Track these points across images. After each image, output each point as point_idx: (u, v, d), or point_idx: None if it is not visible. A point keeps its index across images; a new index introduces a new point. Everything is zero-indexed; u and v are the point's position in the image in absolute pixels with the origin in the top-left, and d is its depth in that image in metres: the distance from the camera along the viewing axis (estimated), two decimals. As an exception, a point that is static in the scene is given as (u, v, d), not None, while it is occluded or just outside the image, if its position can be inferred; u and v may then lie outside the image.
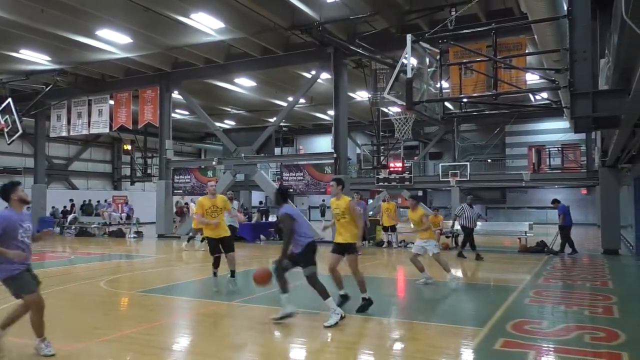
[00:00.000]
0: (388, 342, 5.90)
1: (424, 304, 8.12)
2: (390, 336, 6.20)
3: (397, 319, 6.98)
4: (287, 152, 34.83)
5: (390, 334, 6.31)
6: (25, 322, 5.21)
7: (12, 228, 4.83)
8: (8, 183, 5.01)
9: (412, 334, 6.09)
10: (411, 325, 6.47)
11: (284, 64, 18.52)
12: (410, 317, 6.99)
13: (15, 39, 16.17)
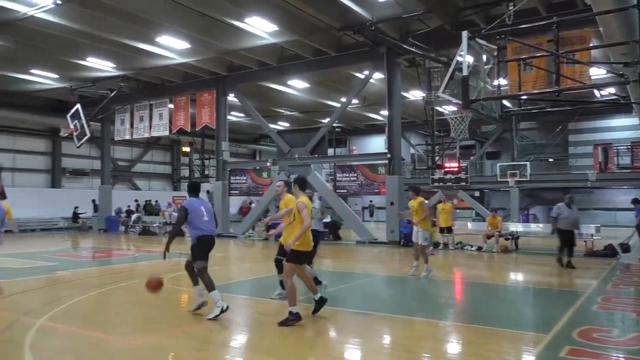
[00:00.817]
0: (445, 346, 5.77)
1: (483, 308, 7.87)
2: (447, 339, 6.07)
3: (455, 322, 6.82)
4: (340, 153, 34.85)
5: (447, 337, 6.17)
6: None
7: None
8: None
9: (470, 337, 5.92)
10: (469, 329, 6.30)
11: (336, 64, 18.55)
12: (468, 321, 6.80)
13: (82, 47, 17.10)
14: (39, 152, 27.37)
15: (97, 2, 13.26)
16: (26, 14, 13.82)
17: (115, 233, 24.05)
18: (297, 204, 6.26)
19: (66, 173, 28.17)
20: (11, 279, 10.05)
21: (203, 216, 6.81)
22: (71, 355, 5.22)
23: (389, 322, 6.64)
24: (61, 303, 7.58)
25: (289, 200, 7.22)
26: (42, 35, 15.57)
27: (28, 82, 21.95)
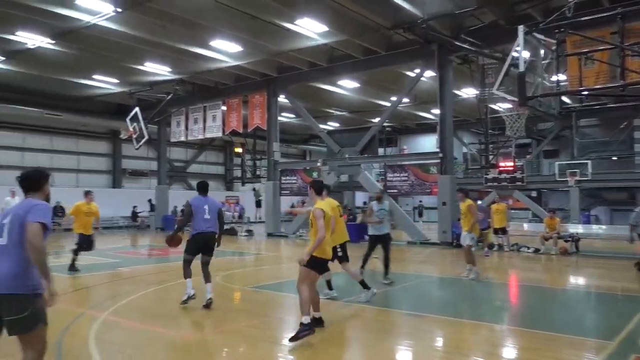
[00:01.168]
0: (500, 350, 5.60)
1: (540, 312, 7.58)
2: (503, 344, 5.89)
3: (510, 325, 6.61)
4: (390, 153, 34.54)
5: (502, 341, 5.99)
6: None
7: None
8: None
9: (526, 342, 5.72)
10: (525, 334, 6.08)
11: (387, 63, 18.38)
12: (524, 325, 6.56)
13: (141, 53, 17.82)
14: (100, 153, 28.73)
15: (154, 10, 13.77)
16: (89, 22, 14.54)
17: (171, 231, 24.85)
18: (314, 212, 5.72)
19: (126, 174, 29.43)
20: (78, 274, 10.61)
21: (204, 214, 7.33)
22: (131, 349, 5.44)
23: (442, 325, 6.52)
24: (123, 298, 7.93)
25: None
26: (104, 42, 16.35)
27: (91, 87, 23.11)
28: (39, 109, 23.73)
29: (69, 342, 5.45)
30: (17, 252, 3.29)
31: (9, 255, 3.29)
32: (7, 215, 3.41)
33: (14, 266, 3.27)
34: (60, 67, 19.41)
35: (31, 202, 3.45)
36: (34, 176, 3.62)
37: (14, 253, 3.29)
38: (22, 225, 3.29)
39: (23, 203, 3.48)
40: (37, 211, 3.32)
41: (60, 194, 25.56)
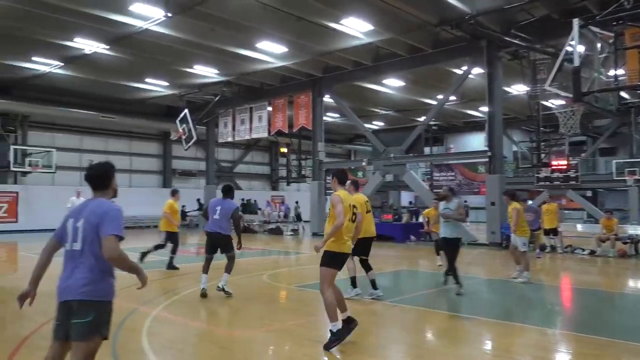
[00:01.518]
0: (553, 355, 5.40)
1: (597, 316, 7.26)
2: (556, 349, 5.67)
3: (564, 330, 6.36)
4: (436, 152, 33.99)
5: (555, 346, 5.77)
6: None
7: None
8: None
9: (581, 348, 5.48)
10: (581, 339, 5.83)
11: (433, 61, 18.09)
12: (580, 330, 6.29)
13: (190, 56, 18.31)
14: (152, 154, 29.71)
15: (203, 13, 14.11)
16: (141, 27, 15.09)
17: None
18: (332, 198, 5.45)
19: (176, 174, 30.31)
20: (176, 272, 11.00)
21: (214, 214, 7.95)
22: (181, 344, 5.60)
23: (492, 328, 6.36)
24: (173, 295, 8.17)
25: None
26: (155, 46, 16.91)
27: (143, 91, 23.95)
28: (95, 112, 24.83)
29: (123, 337, 5.67)
30: (91, 259, 3.23)
31: (83, 262, 3.23)
32: (79, 218, 3.29)
33: (87, 273, 3.21)
34: (115, 71, 20.22)
35: (102, 206, 3.30)
36: (99, 173, 3.46)
37: (88, 260, 3.23)
38: (95, 234, 3.20)
39: (93, 205, 3.34)
40: (110, 222, 3.20)
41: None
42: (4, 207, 23.11)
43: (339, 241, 5.37)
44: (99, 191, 3.42)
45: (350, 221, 5.49)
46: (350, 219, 5.51)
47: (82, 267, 3.22)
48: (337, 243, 5.37)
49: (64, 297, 3.25)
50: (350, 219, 5.52)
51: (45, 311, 7.11)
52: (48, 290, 8.98)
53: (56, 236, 3.41)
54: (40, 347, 5.28)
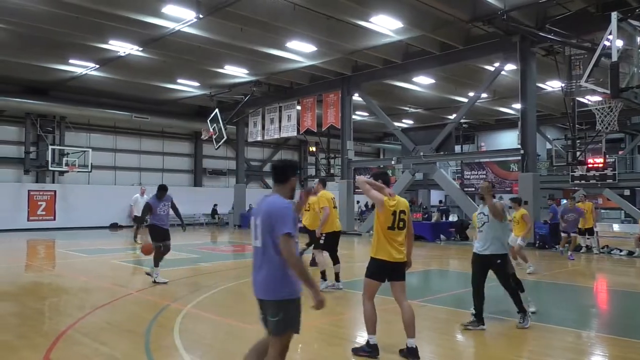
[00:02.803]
0: (589, 358, 5.25)
1: (637, 320, 7.01)
2: (592, 352, 5.50)
3: (600, 333, 6.16)
4: (467, 150, 33.48)
5: (591, 349, 5.59)
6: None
7: None
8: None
9: (619, 351, 5.30)
10: (619, 342, 5.64)
11: (465, 58, 17.81)
12: (617, 332, 6.07)
13: (221, 57, 18.54)
14: (183, 154, 30.21)
15: (233, 14, 14.26)
16: (174, 29, 15.35)
17: (248, 229, 25.66)
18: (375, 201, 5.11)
19: (206, 173, 30.74)
20: (163, 268, 11.23)
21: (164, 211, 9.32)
22: (212, 340, 5.68)
23: (525, 329, 6.21)
24: (204, 292, 8.29)
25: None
26: (187, 47, 17.19)
27: (175, 91, 24.38)
28: (129, 112, 25.43)
29: (156, 332, 5.78)
30: (271, 256, 3.30)
31: (265, 259, 3.33)
32: (258, 215, 3.40)
33: (270, 272, 3.31)
34: (147, 72, 20.65)
35: (274, 203, 3.38)
36: (280, 166, 3.58)
37: (268, 257, 3.31)
38: (269, 231, 3.29)
39: (268, 202, 3.44)
40: (281, 220, 3.25)
41: (147, 193, 27.24)
42: (42, 205, 23.91)
43: (378, 247, 4.94)
44: (277, 184, 3.56)
45: (397, 228, 4.94)
46: (395, 225, 4.95)
47: (265, 265, 3.34)
48: (378, 250, 4.94)
49: (255, 294, 3.45)
50: (395, 225, 4.95)
51: (81, 306, 7.34)
52: (83, 286, 9.28)
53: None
54: (77, 341, 5.44)
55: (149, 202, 9.40)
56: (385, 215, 4.92)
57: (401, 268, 4.99)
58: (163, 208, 9.43)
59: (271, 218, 3.28)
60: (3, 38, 16.33)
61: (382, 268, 4.94)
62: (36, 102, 23.09)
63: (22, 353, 5.02)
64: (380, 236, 4.92)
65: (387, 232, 4.90)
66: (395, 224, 4.93)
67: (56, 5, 13.59)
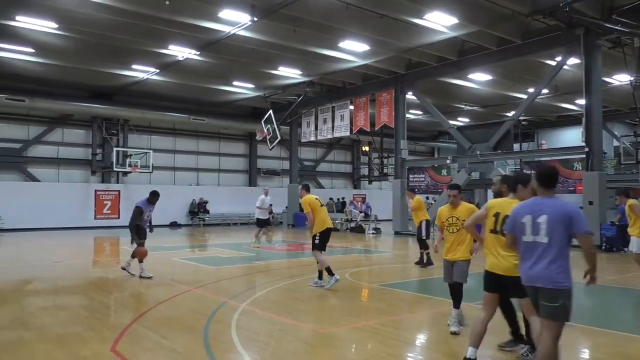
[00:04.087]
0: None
1: None
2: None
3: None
4: (527, 148, 32.27)
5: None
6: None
7: None
8: None
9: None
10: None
11: (524, 53, 17.16)
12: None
13: (275, 58, 18.81)
14: (238, 154, 30.89)
15: (287, 16, 14.43)
16: (229, 32, 15.72)
17: (302, 228, 25.91)
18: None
19: (261, 173, 31.29)
20: (220, 266, 11.56)
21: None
22: (267, 337, 5.77)
23: (595, 336, 5.92)
24: (259, 290, 8.45)
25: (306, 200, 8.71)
26: (242, 50, 17.56)
27: (230, 93, 24.98)
28: (187, 115, 26.30)
29: (214, 328, 5.95)
30: (558, 250, 3.67)
31: (549, 253, 3.68)
32: (539, 214, 3.73)
33: (559, 264, 3.67)
34: (204, 75, 21.27)
35: (567, 205, 3.76)
36: (552, 173, 3.92)
37: (554, 251, 3.67)
38: (562, 229, 3.66)
39: (553, 203, 3.77)
40: (582, 220, 3.69)
41: (204, 192, 28.09)
42: (108, 204, 25.15)
43: (486, 256, 4.64)
44: (548, 189, 3.86)
45: (490, 232, 4.59)
46: (493, 228, 4.55)
47: (550, 258, 3.69)
48: (487, 258, 4.64)
49: (532, 282, 3.78)
50: (493, 229, 4.55)
51: (144, 301, 7.66)
52: (145, 282, 9.63)
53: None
54: (141, 335, 5.68)
55: (139, 205, 9.92)
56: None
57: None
58: (149, 213, 10.07)
59: (569, 217, 3.66)
60: (73, 46, 17.30)
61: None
62: (102, 106, 24.35)
63: (92, 344, 5.30)
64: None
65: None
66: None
67: (120, 14, 14.25)
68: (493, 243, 4.53)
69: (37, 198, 22.67)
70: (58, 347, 5.20)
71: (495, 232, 4.52)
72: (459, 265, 5.90)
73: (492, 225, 4.55)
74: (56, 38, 16.38)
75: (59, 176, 24.65)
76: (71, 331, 5.86)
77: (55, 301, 7.73)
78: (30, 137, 23.93)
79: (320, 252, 8.66)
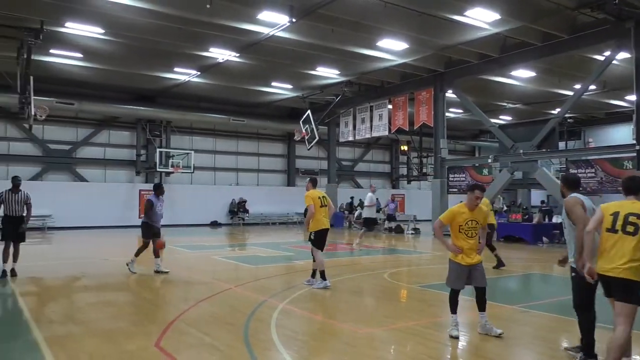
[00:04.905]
0: None
1: None
2: None
3: None
4: (573, 146, 31.19)
5: None
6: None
7: None
8: None
9: None
10: None
11: (570, 48, 16.57)
12: None
13: (313, 59, 18.88)
14: (277, 154, 31.17)
15: (325, 16, 14.45)
16: (268, 34, 15.89)
17: (340, 228, 25.92)
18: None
19: (299, 173, 31.47)
20: (259, 265, 11.69)
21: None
22: (306, 336, 5.80)
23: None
24: (298, 289, 8.49)
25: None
26: (280, 51, 17.71)
27: (269, 94, 25.24)
28: (226, 116, 26.75)
29: (254, 326, 6.02)
30: None
31: None
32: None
33: None
34: (244, 77, 21.58)
35: None
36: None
37: None
38: None
39: None
40: None
41: (243, 192, 28.49)
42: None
43: (598, 257, 4.30)
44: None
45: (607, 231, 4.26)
46: (610, 228, 4.23)
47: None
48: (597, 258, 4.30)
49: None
50: (609, 228, 4.24)
51: (186, 298, 7.84)
52: (187, 279, 9.87)
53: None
54: (183, 331, 5.81)
55: (150, 199, 10.31)
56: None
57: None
58: (161, 206, 10.36)
59: None
60: (119, 51, 17.89)
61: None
62: (146, 108, 25.09)
63: (137, 339, 5.46)
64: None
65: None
66: None
67: (163, 18, 14.62)
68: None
69: (85, 198, 23.57)
70: (105, 342, 5.38)
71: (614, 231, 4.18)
72: (479, 268, 5.71)
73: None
74: (102, 43, 16.98)
75: (105, 176, 25.54)
76: (117, 326, 6.06)
77: (102, 297, 8.01)
78: (78, 139, 24.90)
79: (319, 252, 8.68)
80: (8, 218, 9.36)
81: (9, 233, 9.37)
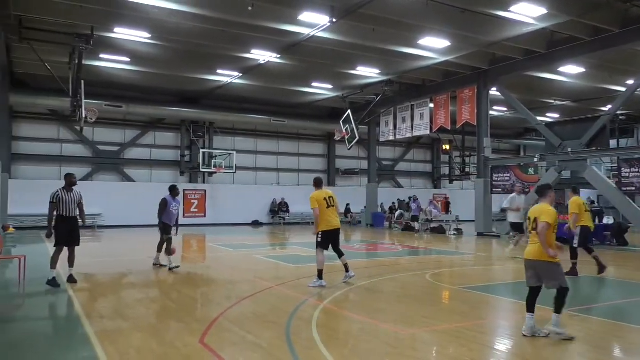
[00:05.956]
0: None
1: None
2: None
3: None
4: (625, 145, 29.84)
5: None
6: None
7: None
8: None
9: None
10: None
11: (622, 42, 15.87)
12: None
13: (353, 58, 18.86)
14: (317, 154, 31.30)
15: (366, 15, 14.40)
16: (309, 34, 15.97)
17: (380, 228, 25.76)
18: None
19: (339, 173, 31.48)
20: (300, 265, 11.77)
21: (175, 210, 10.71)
22: (347, 336, 5.80)
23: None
24: (339, 289, 8.50)
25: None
26: (321, 51, 17.78)
27: (309, 94, 25.38)
28: (267, 116, 27.09)
29: (295, 325, 6.07)
30: None
31: None
32: None
33: None
34: (284, 78, 21.79)
35: None
36: None
37: None
38: None
39: None
40: None
41: (284, 192, 28.74)
42: (195, 203, 26.50)
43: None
44: None
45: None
46: None
47: None
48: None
49: None
50: None
51: (229, 296, 7.97)
52: (230, 278, 10.04)
53: None
54: (226, 329, 5.93)
55: (165, 198, 10.62)
56: None
57: None
58: (176, 207, 10.57)
59: None
60: (164, 55, 18.42)
61: None
62: (190, 110, 25.75)
63: (183, 336, 5.61)
64: None
65: None
66: None
67: (206, 22, 14.95)
68: None
69: (133, 197, 24.36)
70: (152, 337, 5.55)
71: None
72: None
73: None
74: (149, 47, 17.52)
75: (151, 176, 26.33)
76: (163, 322, 6.24)
77: (148, 294, 8.26)
78: (126, 140, 25.78)
79: (322, 252, 8.65)
80: (62, 219, 8.53)
81: (63, 236, 8.55)
